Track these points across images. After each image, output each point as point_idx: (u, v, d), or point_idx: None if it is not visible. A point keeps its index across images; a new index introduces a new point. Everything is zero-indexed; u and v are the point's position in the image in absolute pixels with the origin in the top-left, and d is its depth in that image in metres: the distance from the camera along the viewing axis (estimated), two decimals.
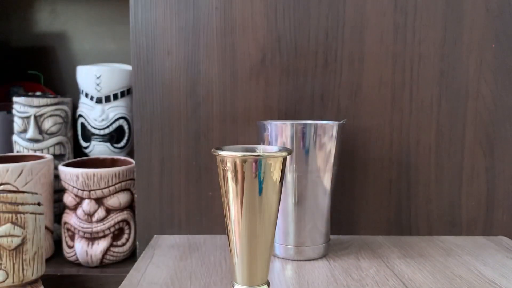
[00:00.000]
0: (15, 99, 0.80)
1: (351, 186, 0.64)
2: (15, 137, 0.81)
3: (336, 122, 0.54)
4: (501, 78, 0.63)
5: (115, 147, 0.85)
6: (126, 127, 0.85)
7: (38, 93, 0.84)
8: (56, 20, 1.07)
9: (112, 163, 0.77)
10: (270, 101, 0.63)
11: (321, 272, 0.51)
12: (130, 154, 0.86)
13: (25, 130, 0.79)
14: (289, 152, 0.35)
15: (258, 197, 0.34)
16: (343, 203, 0.64)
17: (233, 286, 0.37)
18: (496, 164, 0.64)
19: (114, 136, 0.84)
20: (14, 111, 0.80)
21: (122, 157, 0.78)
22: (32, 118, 0.78)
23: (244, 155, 0.33)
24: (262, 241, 0.35)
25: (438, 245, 0.61)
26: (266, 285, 0.37)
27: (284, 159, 0.35)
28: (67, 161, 0.74)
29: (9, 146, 0.83)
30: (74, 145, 0.86)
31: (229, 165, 0.34)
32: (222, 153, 0.34)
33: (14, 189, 0.64)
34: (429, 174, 0.64)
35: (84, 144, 0.86)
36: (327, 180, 0.54)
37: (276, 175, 0.35)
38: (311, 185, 0.53)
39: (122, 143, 0.85)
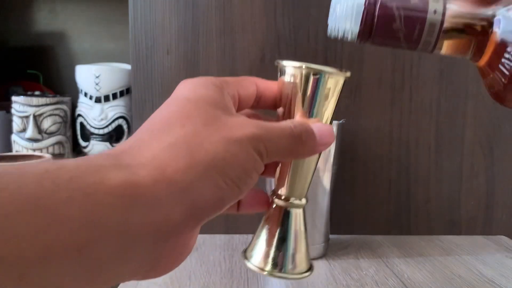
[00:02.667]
0: (14, 98, 0.80)
1: (351, 185, 0.64)
2: (14, 137, 0.80)
3: (336, 122, 0.54)
4: None
5: (114, 147, 0.85)
6: (125, 126, 0.85)
7: (37, 93, 0.84)
8: (55, 19, 1.07)
9: None
10: None
11: (320, 272, 0.51)
12: None
13: (24, 130, 0.79)
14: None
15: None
16: (343, 202, 0.64)
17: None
18: (495, 164, 0.64)
19: (113, 136, 0.84)
20: (13, 111, 0.80)
21: None
22: (31, 118, 0.78)
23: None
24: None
25: (437, 245, 0.61)
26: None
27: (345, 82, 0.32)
28: None
29: (8, 146, 0.83)
30: (73, 145, 0.86)
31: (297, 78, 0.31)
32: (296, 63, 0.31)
33: None
34: (429, 174, 0.64)
35: (83, 143, 0.86)
36: (326, 180, 0.54)
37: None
38: (311, 184, 0.53)
39: (121, 143, 0.85)
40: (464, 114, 0.63)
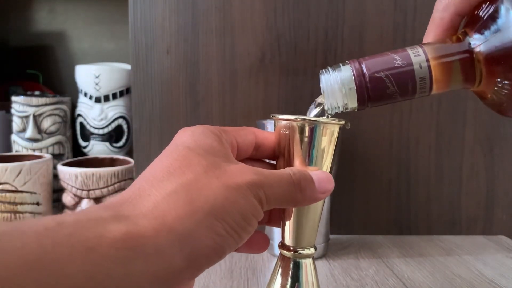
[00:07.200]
0: (14, 98, 0.80)
1: (351, 185, 0.64)
2: (14, 137, 0.80)
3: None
4: None
5: (114, 147, 0.85)
6: (125, 126, 0.85)
7: (37, 93, 0.84)
8: (55, 19, 1.07)
9: (111, 162, 0.77)
10: (270, 101, 0.63)
11: (320, 272, 0.51)
12: (129, 153, 0.86)
13: (24, 130, 0.79)
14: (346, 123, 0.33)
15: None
16: (343, 202, 0.64)
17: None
18: (495, 164, 0.64)
19: (113, 136, 0.84)
20: (13, 111, 0.80)
21: (121, 157, 0.78)
22: (31, 118, 0.78)
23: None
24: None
25: (437, 245, 0.61)
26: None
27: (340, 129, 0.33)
28: (66, 161, 0.74)
29: (8, 146, 0.83)
30: (73, 145, 0.86)
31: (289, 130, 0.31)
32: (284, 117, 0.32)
33: (13, 188, 0.64)
34: (429, 174, 0.64)
35: (83, 143, 0.86)
36: None
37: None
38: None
39: (121, 143, 0.85)
40: (464, 114, 0.63)
